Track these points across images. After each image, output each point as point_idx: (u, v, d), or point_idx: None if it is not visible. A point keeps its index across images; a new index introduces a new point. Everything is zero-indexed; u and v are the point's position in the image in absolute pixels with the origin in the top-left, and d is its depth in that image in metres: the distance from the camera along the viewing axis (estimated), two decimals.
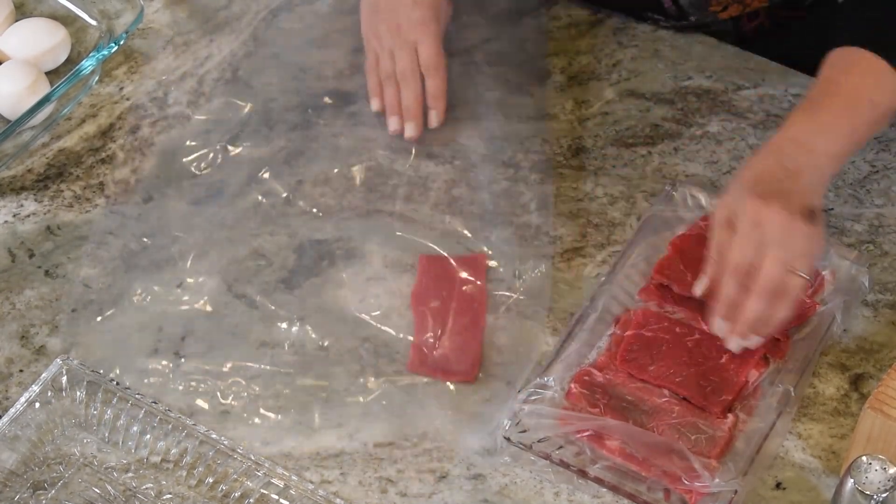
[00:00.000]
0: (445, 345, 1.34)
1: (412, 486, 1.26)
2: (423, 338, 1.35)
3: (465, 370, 1.33)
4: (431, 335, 1.35)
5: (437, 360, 1.33)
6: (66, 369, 1.29)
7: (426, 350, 1.34)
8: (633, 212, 1.46)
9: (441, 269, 1.40)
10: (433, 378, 1.32)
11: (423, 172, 1.49)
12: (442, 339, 1.35)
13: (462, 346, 1.34)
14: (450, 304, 1.37)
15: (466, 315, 1.36)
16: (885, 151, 1.52)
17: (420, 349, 1.34)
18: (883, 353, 1.36)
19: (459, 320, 1.36)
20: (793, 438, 1.30)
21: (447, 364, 1.33)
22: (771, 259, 1.27)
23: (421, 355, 1.34)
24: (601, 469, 1.26)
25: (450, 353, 1.34)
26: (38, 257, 1.42)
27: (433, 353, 1.34)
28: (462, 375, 1.32)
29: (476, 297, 1.38)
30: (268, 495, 1.24)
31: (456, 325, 1.35)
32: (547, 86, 1.56)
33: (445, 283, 1.39)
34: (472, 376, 1.32)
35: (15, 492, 1.24)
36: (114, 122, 1.53)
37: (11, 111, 1.49)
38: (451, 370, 1.33)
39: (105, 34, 1.54)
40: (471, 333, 1.35)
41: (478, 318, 1.36)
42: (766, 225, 1.28)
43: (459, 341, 1.34)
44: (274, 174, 1.48)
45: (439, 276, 1.39)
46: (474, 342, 1.34)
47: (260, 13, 1.64)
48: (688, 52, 1.60)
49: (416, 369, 1.33)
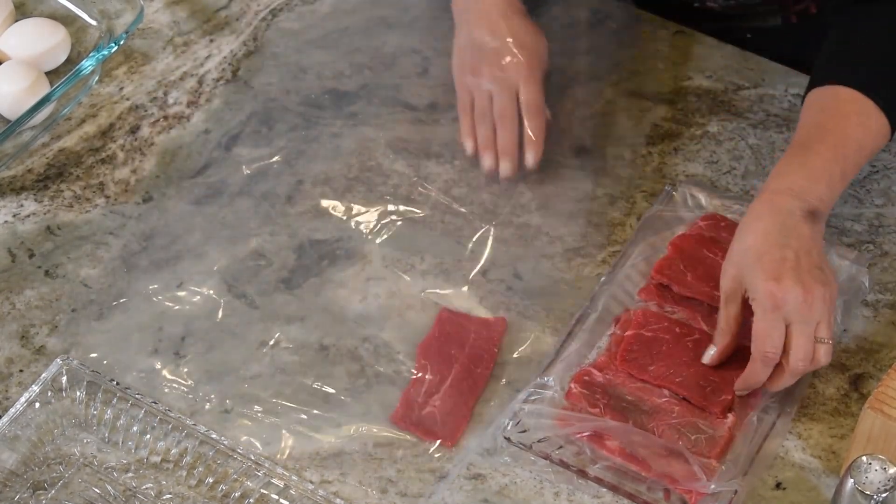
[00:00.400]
0: (436, 404, 1.31)
1: (412, 486, 1.26)
2: (415, 391, 1.32)
3: (447, 434, 1.29)
4: (425, 391, 1.32)
5: (423, 417, 1.30)
6: (66, 369, 1.29)
7: (415, 405, 1.31)
8: (633, 212, 1.46)
9: (456, 327, 1.37)
10: (412, 434, 1.30)
11: (423, 172, 1.49)
12: (434, 397, 1.32)
13: (452, 410, 1.31)
14: (454, 364, 1.34)
15: (468, 379, 1.33)
16: (885, 151, 1.52)
17: (409, 402, 1.32)
18: (883, 353, 1.36)
19: (458, 384, 1.33)
20: (793, 438, 1.30)
21: (432, 424, 1.30)
22: (797, 337, 1.27)
23: (407, 408, 1.31)
24: (601, 469, 1.26)
25: (438, 413, 1.30)
26: (38, 257, 1.42)
27: (420, 411, 1.31)
28: (443, 440, 1.29)
29: (483, 362, 1.34)
30: (268, 495, 1.24)
31: (454, 387, 1.32)
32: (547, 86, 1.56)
33: (456, 342, 1.35)
34: (452, 442, 1.29)
35: (15, 492, 1.24)
36: (114, 122, 1.53)
37: (11, 111, 1.49)
38: (434, 431, 1.29)
39: (105, 34, 1.54)
40: (465, 398, 1.32)
41: (477, 383, 1.33)
42: (784, 308, 1.27)
43: (451, 404, 1.31)
44: (274, 174, 1.48)
45: (453, 334, 1.36)
46: (465, 408, 1.31)
47: (260, 13, 1.64)
48: (688, 52, 1.60)
49: (398, 422, 1.30)
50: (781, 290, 1.26)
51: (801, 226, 1.30)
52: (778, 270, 1.27)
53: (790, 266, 1.27)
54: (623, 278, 1.39)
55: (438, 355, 1.34)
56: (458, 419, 1.30)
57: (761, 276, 1.27)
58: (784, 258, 1.28)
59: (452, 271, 1.41)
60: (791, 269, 1.27)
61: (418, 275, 1.41)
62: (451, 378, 1.33)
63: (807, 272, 1.27)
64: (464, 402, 1.31)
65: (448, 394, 1.32)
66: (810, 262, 1.28)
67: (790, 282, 1.27)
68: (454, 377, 1.33)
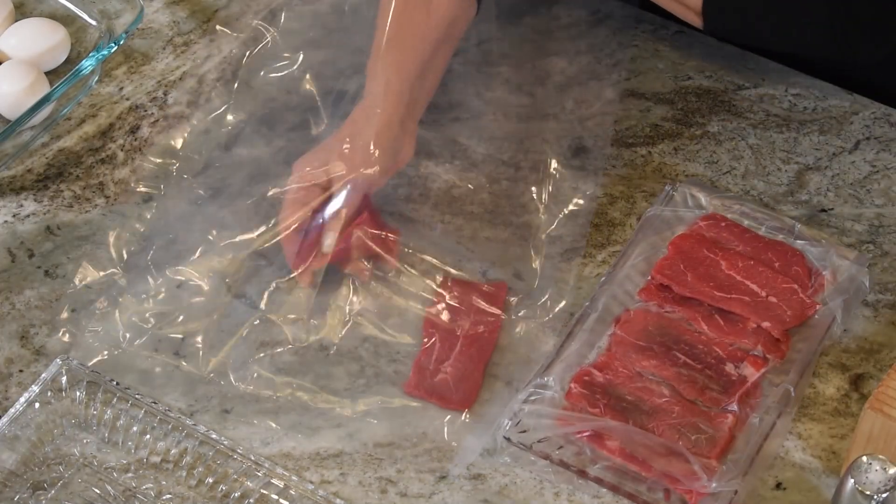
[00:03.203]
0: (448, 370, 1.33)
1: (412, 486, 1.26)
2: (426, 359, 1.34)
3: (461, 399, 1.31)
4: (435, 358, 1.34)
5: (436, 384, 1.32)
6: (65, 369, 1.29)
7: (426, 373, 1.33)
8: (633, 212, 1.46)
9: (461, 293, 1.38)
10: (428, 402, 1.31)
11: (423, 172, 1.49)
12: (445, 364, 1.33)
13: (464, 374, 1.32)
14: (460, 330, 1.35)
15: (475, 344, 1.35)
16: (885, 151, 1.52)
17: (420, 370, 1.33)
18: (883, 353, 1.36)
19: (467, 348, 1.34)
20: (793, 438, 1.30)
21: (446, 390, 1.31)
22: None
23: (420, 377, 1.32)
24: (601, 469, 1.26)
25: (451, 379, 1.32)
26: (38, 257, 1.42)
27: (433, 378, 1.32)
28: (458, 404, 1.30)
29: (489, 327, 1.36)
30: (268, 495, 1.24)
31: (463, 353, 1.34)
32: (547, 86, 1.56)
33: (462, 308, 1.37)
34: (467, 405, 1.30)
35: (15, 492, 1.24)
36: (114, 122, 1.53)
37: (11, 111, 1.49)
38: (449, 397, 1.31)
39: (105, 34, 1.54)
40: (475, 363, 1.33)
41: (486, 347, 1.34)
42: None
43: (462, 369, 1.33)
44: (274, 174, 1.48)
45: (458, 300, 1.38)
46: (476, 372, 1.32)
47: (260, 13, 1.64)
48: (688, 52, 1.60)
49: (413, 391, 1.31)
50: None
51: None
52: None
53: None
54: (623, 278, 1.39)
55: (444, 323, 1.35)
56: (471, 383, 1.32)
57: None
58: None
59: (452, 271, 1.41)
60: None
61: (418, 274, 1.41)
62: (459, 344, 1.34)
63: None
64: (474, 366, 1.33)
65: (458, 359, 1.33)
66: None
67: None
68: (462, 343, 1.34)
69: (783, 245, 1.41)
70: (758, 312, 1.35)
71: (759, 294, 1.37)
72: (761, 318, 1.35)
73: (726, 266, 1.39)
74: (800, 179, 1.50)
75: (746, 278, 1.38)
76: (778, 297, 1.36)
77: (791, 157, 1.51)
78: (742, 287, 1.37)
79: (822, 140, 1.53)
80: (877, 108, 1.56)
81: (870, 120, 1.55)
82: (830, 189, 1.48)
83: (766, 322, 1.35)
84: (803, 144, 1.53)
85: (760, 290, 1.37)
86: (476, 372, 1.33)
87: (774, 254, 1.40)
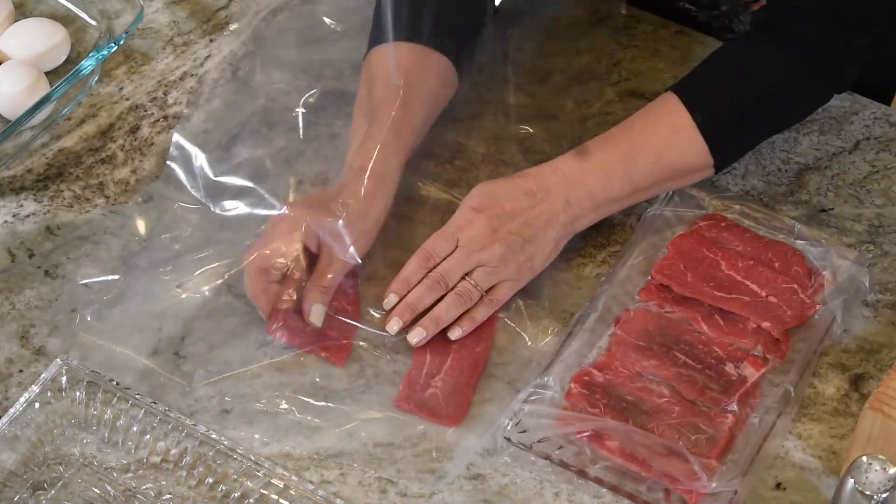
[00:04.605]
0: (438, 384, 1.31)
1: (412, 486, 1.26)
2: (417, 373, 1.33)
3: (451, 414, 1.30)
4: (426, 372, 1.33)
5: (426, 398, 1.30)
6: (65, 369, 1.29)
7: (417, 387, 1.31)
8: (634, 212, 1.46)
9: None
10: (418, 416, 1.30)
11: (422, 172, 1.49)
12: (436, 378, 1.32)
13: (454, 390, 1.31)
14: (453, 344, 1.34)
15: (468, 358, 1.34)
16: (885, 151, 1.52)
17: (411, 384, 1.32)
18: (883, 353, 1.36)
19: (459, 363, 1.33)
20: (793, 438, 1.30)
21: (435, 405, 1.30)
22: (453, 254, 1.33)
23: (410, 391, 1.31)
24: (601, 469, 1.26)
25: (441, 393, 1.31)
26: (38, 257, 1.42)
27: (423, 392, 1.31)
28: (448, 419, 1.29)
29: (482, 340, 1.35)
30: (268, 495, 1.24)
31: (454, 367, 1.33)
32: (547, 86, 1.56)
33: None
34: (457, 421, 1.29)
35: (15, 492, 1.24)
36: (114, 122, 1.53)
37: (11, 111, 1.49)
38: (439, 412, 1.30)
39: (105, 34, 1.54)
40: (466, 378, 1.32)
41: (478, 361, 1.33)
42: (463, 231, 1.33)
43: (453, 384, 1.31)
44: (274, 174, 1.48)
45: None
46: (467, 387, 1.31)
47: (260, 13, 1.64)
48: (688, 52, 1.60)
49: (402, 405, 1.30)
50: (472, 217, 1.33)
51: (541, 205, 1.35)
52: (487, 206, 1.33)
53: (498, 213, 1.33)
54: (623, 278, 1.39)
55: (437, 336, 1.34)
56: (461, 399, 1.31)
57: (472, 202, 1.35)
58: (503, 207, 1.34)
59: None
60: (497, 215, 1.33)
61: None
62: (450, 358, 1.33)
63: (507, 229, 1.33)
64: (465, 381, 1.32)
65: (449, 374, 1.32)
66: (519, 229, 1.33)
67: (484, 218, 1.32)
68: (454, 357, 1.33)
69: (783, 245, 1.41)
70: (758, 312, 1.35)
71: (759, 294, 1.37)
72: (761, 318, 1.35)
73: (726, 266, 1.39)
74: (800, 179, 1.50)
75: (746, 278, 1.38)
76: (778, 297, 1.36)
77: (791, 157, 1.51)
78: (742, 287, 1.37)
79: (821, 140, 1.53)
80: (877, 108, 1.56)
81: (870, 120, 1.55)
82: (830, 189, 1.48)
83: (766, 322, 1.35)
84: (803, 144, 1.53)
85: (760, 290, 1.37)
86: (467, 387, 1.31)
87: (774, 254, 1.40)
